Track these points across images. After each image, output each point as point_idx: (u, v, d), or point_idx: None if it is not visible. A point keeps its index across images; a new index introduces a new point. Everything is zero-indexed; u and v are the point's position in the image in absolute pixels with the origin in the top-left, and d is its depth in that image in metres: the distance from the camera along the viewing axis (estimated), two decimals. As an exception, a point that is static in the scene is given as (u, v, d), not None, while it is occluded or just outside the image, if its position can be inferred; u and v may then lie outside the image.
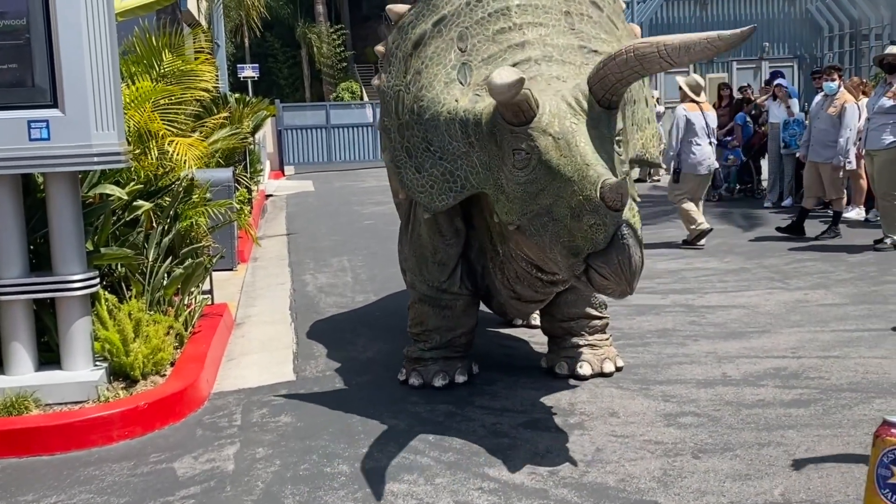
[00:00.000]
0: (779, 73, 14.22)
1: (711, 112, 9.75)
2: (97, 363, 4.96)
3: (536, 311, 5.38)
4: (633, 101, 4.67)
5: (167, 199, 6.06)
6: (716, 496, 3.58)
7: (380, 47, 5.09)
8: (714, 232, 9.56)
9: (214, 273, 7.10)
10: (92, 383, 4.75)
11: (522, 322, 6.25)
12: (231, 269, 8.75)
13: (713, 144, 9.66)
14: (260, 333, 6.58)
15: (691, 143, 9.36)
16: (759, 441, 4.12)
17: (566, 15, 4.59)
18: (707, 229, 9.30)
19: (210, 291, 6.85)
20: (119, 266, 5.59)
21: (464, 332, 5.08)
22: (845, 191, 10.27)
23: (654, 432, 4.27)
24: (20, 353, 4.82)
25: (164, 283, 5.70)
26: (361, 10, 38.34)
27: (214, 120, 8.86)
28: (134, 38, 6.93)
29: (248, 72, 26.01)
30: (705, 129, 9.45)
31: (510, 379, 5.15)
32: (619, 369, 5.17)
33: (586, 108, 3.90)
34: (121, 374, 4.97)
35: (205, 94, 7.12)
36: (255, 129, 13.87)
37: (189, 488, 3.88)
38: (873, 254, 8.57)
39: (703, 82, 10.02)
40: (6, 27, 4.60)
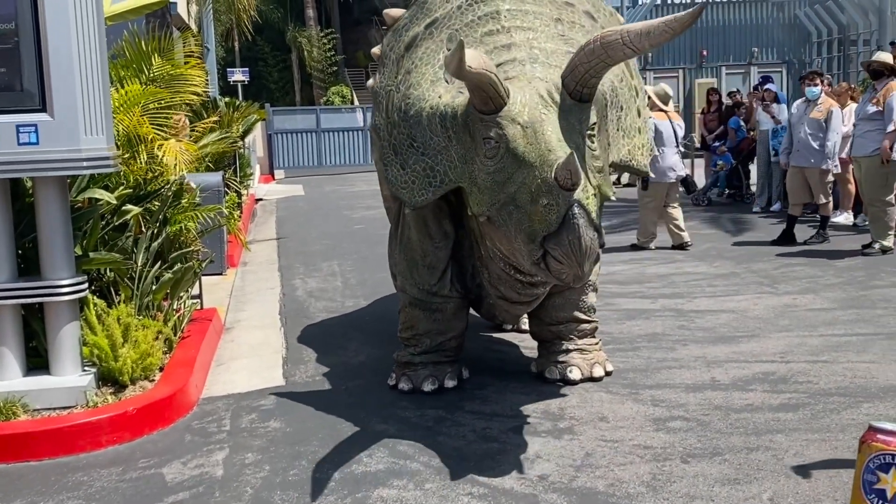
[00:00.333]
0: (768, 78, 14.31)
1: (679, 120, 9.95)
2: (86, 368, 4.94)
3: (525, 314, 5.39)
4: (621, 107, 4.69)
5: (156, 203, 6.05)
6: (705, 500, 3.59)
7: (375, 50, 5.14)
8: (703, 236, 9.60)
9: (204, 277, 7.09)
10: (80, 388, 4.74)
11: (512, 326, 6.26)
12: (220, 274, 8.72)
13: (680, 153, 9.84)
14: (249, 338, 6.57)
15: (660, 151, 9.42)
16: (747, 445, 4.13)
17: (557, 21, 4.64)
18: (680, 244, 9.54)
19: (199, 296, 6.85)
20: (108, 271, 5.58)
21: (454, 335, 5.08)
22: (831, 196, 10.28)
23: (643, 437, 4.28)
24: (8, 359, 4.80)
25: (153, 287, 5.68)
26: (352, 14, 38.34)
27: (204, 124, 8.86)
28: (123, 41, 6.90)
29: (238, 76, 25.94)
30: (673, 137, 9.59)
31: (500, 383, 5.15)
32: (608, 374, 5.18)
33: (558, 101, 3.94)
34: (109, 379, 4.96)
35: (194, 98, 7.10)
36: (245, 133, 13.85)
37: (178, 494, 3.87)
38: (861, 258, 8.61)
39: (671, 91, 10.25)
40: (-5, 31, 4.59)
